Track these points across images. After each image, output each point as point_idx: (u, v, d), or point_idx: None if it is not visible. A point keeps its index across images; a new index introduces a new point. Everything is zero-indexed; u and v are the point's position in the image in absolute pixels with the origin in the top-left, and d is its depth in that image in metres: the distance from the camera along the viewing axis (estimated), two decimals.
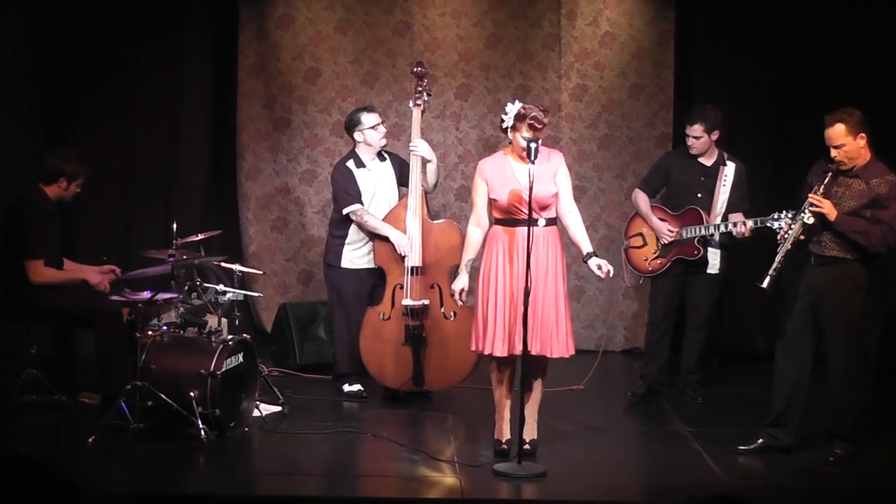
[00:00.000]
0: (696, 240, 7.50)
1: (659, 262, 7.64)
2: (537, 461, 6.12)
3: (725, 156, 7.67)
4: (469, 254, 6.39)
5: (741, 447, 6.41)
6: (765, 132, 9.37)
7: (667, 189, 7.82)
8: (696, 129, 7.55)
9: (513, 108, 6.19)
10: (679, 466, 6.26)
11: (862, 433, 6.38)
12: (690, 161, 7.66)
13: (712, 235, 7.50)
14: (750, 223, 7.23)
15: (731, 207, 7.50)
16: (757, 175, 7.36)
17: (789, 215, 6.78)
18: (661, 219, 7.66)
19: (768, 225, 7.03)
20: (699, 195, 7.58)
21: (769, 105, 9.36)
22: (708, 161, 7.64)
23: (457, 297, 6.42)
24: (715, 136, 7.57)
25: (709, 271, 7.62)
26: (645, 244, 7.74)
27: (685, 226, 7.54)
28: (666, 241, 7.58)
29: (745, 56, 9.34)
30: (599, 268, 6.18)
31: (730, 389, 8.20)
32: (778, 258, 6.20)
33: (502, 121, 6.25)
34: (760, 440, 6.40)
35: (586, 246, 6.29)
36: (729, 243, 7.60)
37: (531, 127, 6.12)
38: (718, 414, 7.44)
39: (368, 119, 7.58)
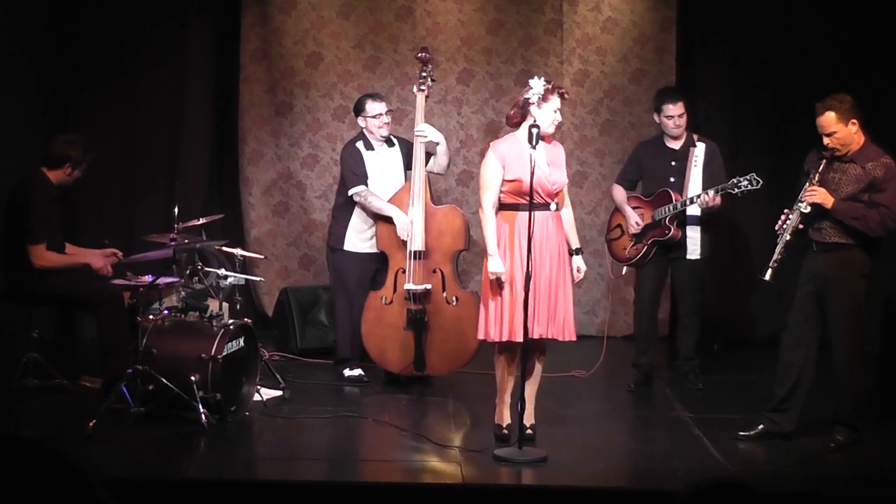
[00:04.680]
0: (667, 219, 7.48)
1: (636, 248, 7.62)
2: (538, 446, 6.13)
3: (695, 137, 7.69)
4: (494, 235, 6.16)
5: (742, 433, 6.40)
6: (768, 117, 9.35)
7: (642, 179, 7.83)
8: (681, 106, 7.59)
9: (539, 82, 6.15)
10: (680, 452, 6.26)
11: (863, 419, 6.37)
12: (660, 147, 7.70)
13: (682, 211, 7.46)
14: (711, 192, 7.27)
15: (706, 187, 7.47)
16: (760, 160, 7.34)
17: (746, 178, 6.97)
18: (635, 207, 7.66)
19: (729, 191, 7.11)
20: (672, 179, 7.57)
21: (772, 90, 9.34)
22: (677, 144, 7.65)
23: (504, 279, 6.11)
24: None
25: (689, 257, 7.59)
26: (623, 234, 7.74)
27: (656, 209, 7.54)
28: (633, 232, 7.58)
29: (748, 41, 9.32)
30: (578, 269, 6.35)
31: (731, 375, 8.20)
32: (778, 249, 6.20)
33: (527, 100, 6.17)
34: (761, 426, 6.39)
35: (575, 241, 6.41)
36: (708, 222, 7.58)
37: (562, 97, 6.21)
38: (719, 400, 7.43)
39: (372, 107, 7.59)
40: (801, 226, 6.19)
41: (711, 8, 9.40)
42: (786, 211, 6.25)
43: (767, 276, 6.22)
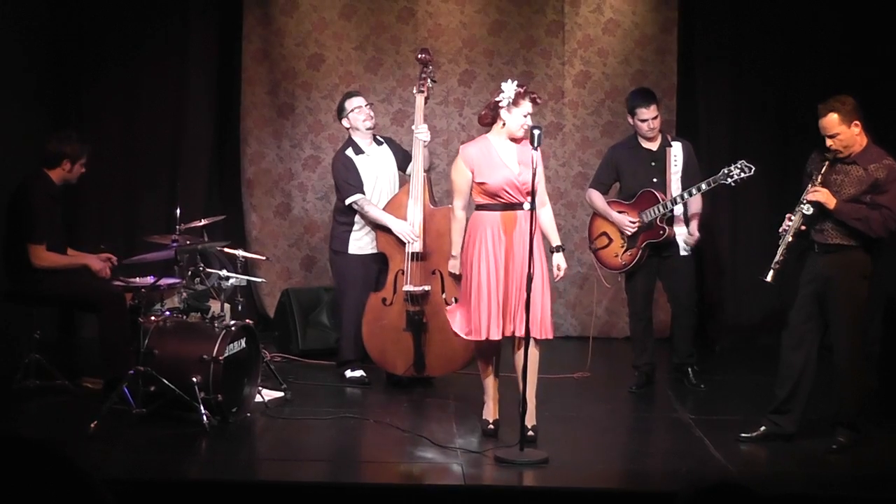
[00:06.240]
0: (658, 219, 7.45)
1: (629, 253, 7.53)
2: (539, 448, 6.13)
3: (669, 137, 7.68)
4: (461, 238, 6.38)
5: (744, 434, 6.40)
6: (769, 118, 9.35)
7: (620, 183, 7.74)
8: (654, 109, 7.54)
9: (510, 86, 6.17)
10: (681, 453, 6.25)
11: (865, 421, 6.36)
12: (637, 149, 7.63)
13: (671, 210, 7.46)
14: (704, 185, 7.26)
15: (686, 186, 7.45)
16: (762, 162, 7.32)
17: (737, 166, 7.04)
18: (620, 212, 7.58)
19: (723, 182, 7.14)
20: (654, 180, 7.52)
21: (773, 91, 9.34)
22: (654, 145, 7.60)
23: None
24: None
25: (681, 254, 7.56)
26: (611, 241, 7.62)
27: (643, 210, 7.50)
28: (629, 233, 7.51)
29: (749, 42, 9.32)
30: (558, 267, 6.37)
31: (732, 377, 8.19)
32: (780, 250, 6.19)
33: (497, 102, 6.21)
34: (763, 427, 6.39)
35: (555, 239, 6.44)
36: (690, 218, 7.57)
37: (534, 101, 6.20)
38: (721, 401, 7.43)
39: (351, 103, 7.63)
40: (803, 227, 6.19)
41: (712, 9, 9.40)
42: (788, 214, 6.25)
43: (769, 278, 6.22)
